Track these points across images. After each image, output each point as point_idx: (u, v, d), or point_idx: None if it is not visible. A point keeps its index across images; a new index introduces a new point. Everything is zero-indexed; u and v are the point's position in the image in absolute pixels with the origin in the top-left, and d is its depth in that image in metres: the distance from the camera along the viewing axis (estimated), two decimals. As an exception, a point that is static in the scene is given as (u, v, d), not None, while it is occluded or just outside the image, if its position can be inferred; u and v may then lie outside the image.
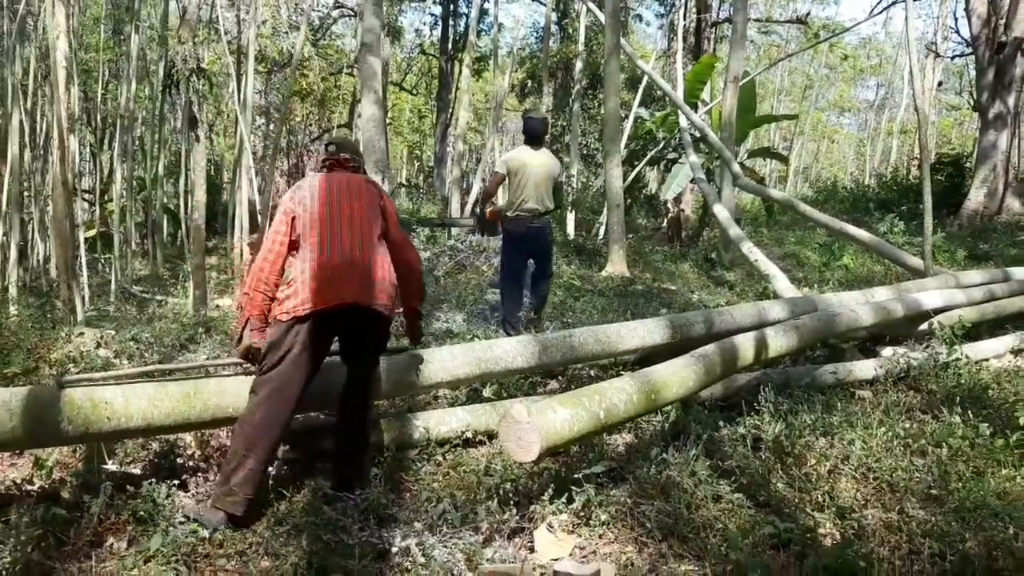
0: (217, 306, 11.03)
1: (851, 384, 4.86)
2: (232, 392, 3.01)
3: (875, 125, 38.90)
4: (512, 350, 3.77)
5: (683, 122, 12.85)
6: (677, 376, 3.38)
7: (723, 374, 3.80)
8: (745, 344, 3.92)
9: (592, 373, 4.66)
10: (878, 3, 14.27)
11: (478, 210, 6.01)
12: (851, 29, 15.73)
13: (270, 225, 3.15)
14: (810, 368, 4.96)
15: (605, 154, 9.78)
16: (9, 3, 14.23)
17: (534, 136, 5.97)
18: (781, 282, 7.38)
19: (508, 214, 5.86)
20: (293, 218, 3.06)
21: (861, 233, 8.19)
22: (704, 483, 3.14)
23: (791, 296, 6.46)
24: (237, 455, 2.84)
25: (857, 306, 5.20)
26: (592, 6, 13.45)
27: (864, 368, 5.04)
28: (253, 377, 3.02)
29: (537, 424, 2.57)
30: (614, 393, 2.99)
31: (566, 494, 2.93)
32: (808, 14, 18.40)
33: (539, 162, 5.83)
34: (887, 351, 5.53)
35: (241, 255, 14.52)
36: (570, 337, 3.99)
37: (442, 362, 3.57)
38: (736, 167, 10.12)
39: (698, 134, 13.06)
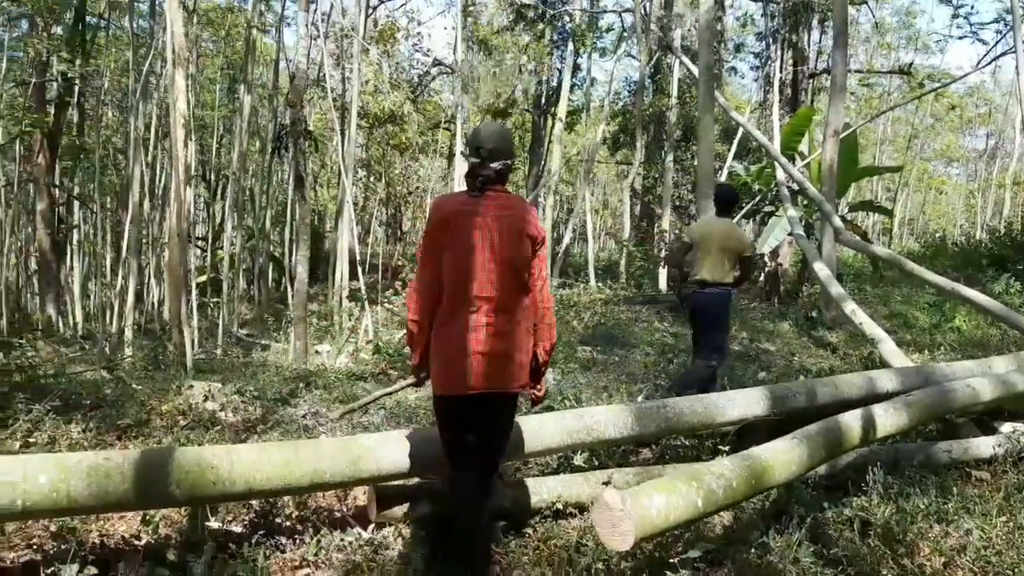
0: (316, 352, 11.40)
1: (967, 463, 4.56)
2: (329, 458, 3.05)
3: (986, 176, 37.08)
4: (604, 420, 3.71)
5: (780, 175, 12.60)
6: (779, 460, 3.23)
7: (828, 457, 3.61)
8: (852, 424, 3.72)
9: (687, 442, 4.54)
10: (986, 53, 13.74)
11: (677, 284, 6.00)
12: (958, 80, 15.10)
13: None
14: (923, 445, 4.68)
15: (698, 210, 9.67)
16: (134, 65, 15.40)
17: (720, 205, 5.86)
18: (888, 346, 7.03)
19: (687, 280, 5.79)
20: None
21: (977, 295, 7.68)
22: (808, 573, 2.99)
23: (900, 365, 6.14)
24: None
25: (975, 380, 4.88)
26: (687, 60, 13.46)
27: (981, 446, 4.73)
28: (348, 442, 3.11)
29: (631, 512, 2.50)
30: (713, 479, 2.87)
31: (661, 579, 2.85)
32: (911, 64, 17.81)
33: (719, 235, 5.64)
34: (1006, 427, 5.15)
35: (340, 302, 15.00)
36: (665, 408, 3.90)
37: (532, 432, 3.52)
38: (838, 221, 9.79)
39: (796, 187, 12.76)
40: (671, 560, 2.91)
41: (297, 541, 3.14)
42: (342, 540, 3.14)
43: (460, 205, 2.85)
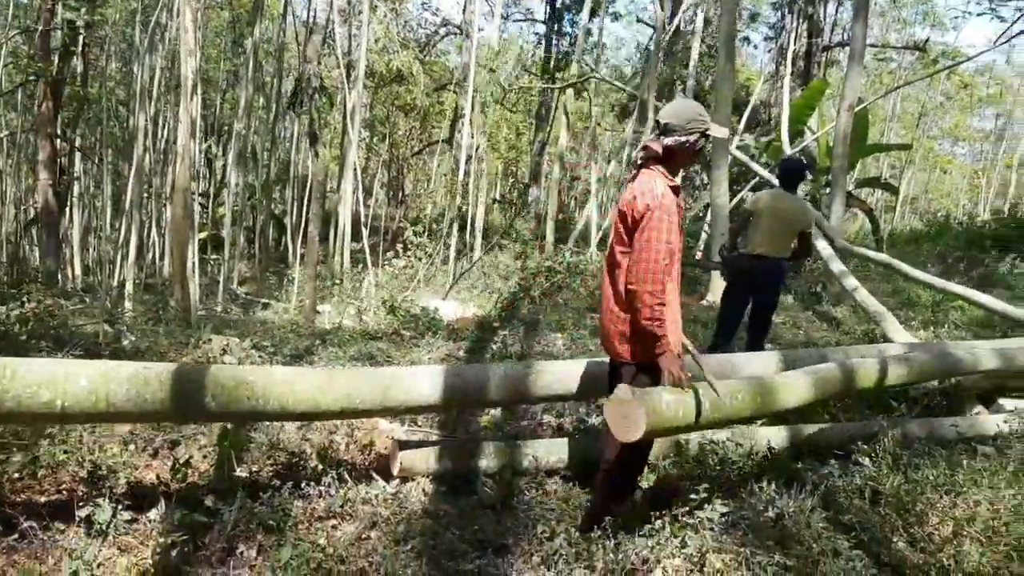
0: (317, 311, 11.43)
1: (973, 439, 4.64)
2: (360, 384, 3.12)
3: (992, 156, 36.94)
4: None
5: (787, 149, 12.55)
6: (789, 383, 3.36)
7: (841, 391, 3.76)
8: (865, 365, 3.92)
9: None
10: (1004, 31, 13.61)
11: (725, 253, 5.78)
12: (974, 58, 14.94)
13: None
14: (929, 420, 4.76)
15: (712, 181, 9.65)
16: (141, 15, 15.19)
17: (788, 180, 5.65)
18: (890, 323, 7.07)
19: (740, 251, 5.59)
20: None
21: (981, 296, 7.57)
22: (822, 537, 3.06)
23: (903, 339, 6.23)
24: None
25: (978, 349, 5.08)
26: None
27: (987, 423, 4.82)
28: (379, 371, 3.37)
29: (643, 402, 2.61)
30: (720, 387, 2.96)
31: (680, 538, 2.91)
32: (927, 40, 17.64)
33: (788, 211, 5.44)
34: (1009, 405, 5.28)
35: (342, 264, 15.00)
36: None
37: (555, 374, 3.57)
38: (842, 242, 9.55)
39: (805, 161, 12.73)
40: (691, 521, 2.97)
41: (323, 493, 3.20)
42: (367, 493, 3.20)
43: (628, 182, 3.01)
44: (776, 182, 6.24)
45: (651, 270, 2.69)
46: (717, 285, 9.45)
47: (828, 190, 10.91)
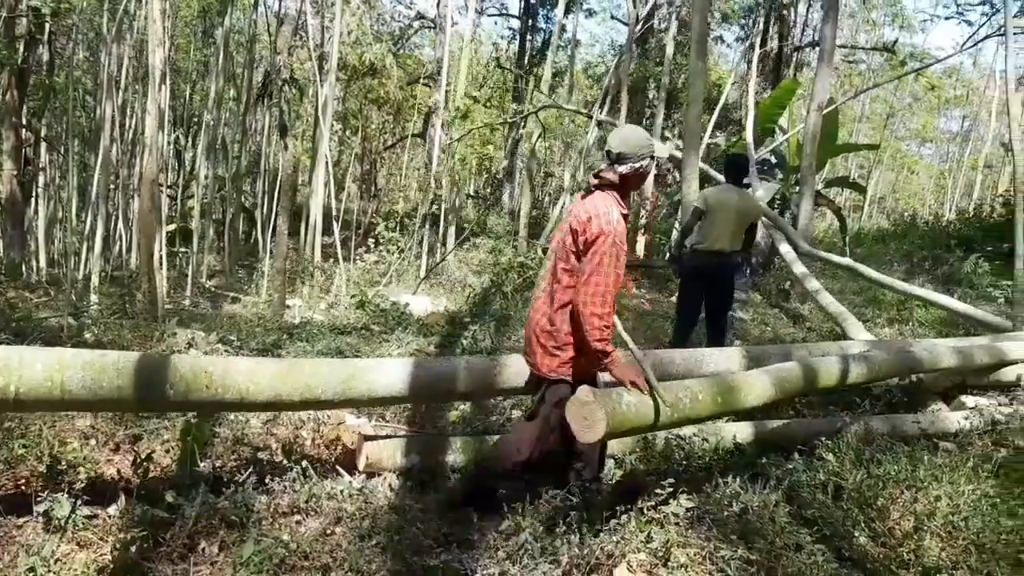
0: (287, 306, 11.33)
1: (934, 435, 4.72)
2: (322, 375, 3.09)
3: (958, 157, 37.57)
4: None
5: (751, 148, 12.63)
6: (749, 383, 3.40)
7: (802, 390, 3.83)
8: (825, 365, 4.00)
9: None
10: (971, 35, 13.82)
11: (673, 250, 5.87)
12: (942, 61, 15.16)
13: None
14: (892, 416, 4.84)
15: (683, 179, 9.67)
16: (110, 4, 14.88)
17: (735, 175, 5.86)
18: (851, 322, 7.18)
19: (695, 248, 5.72)
20: None
21: (941, 298, 7.75)
22: (785, 531, 3.09)
23: (865, 338, 6.34)
24: None
25: (937, 347, 5.16)
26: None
27: (948, 419, 4.91)
28: (343, 362, 3.42)
29: (603, 404, 2.66)
30: (680, 389, 3.04)
31: (646, 533, 2.93)
32: (896, 42, 17.87)
33: (738, 205, 5.63)
34: (970, 402, 5.38)
35: (313, 258, 14.87)
36: (654, 354, 4.03)
37: (519, 367, 3.57)
38: (805, 246, 9.59)
39: (774, 160, 12.86)
40: (656, 516, 2.98)
41: (287, 488, 3.16)
42: (332, 488, 3.18)
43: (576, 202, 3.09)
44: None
45: (601, 293, 2.81)
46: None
47: (798, 189, 11.01)
